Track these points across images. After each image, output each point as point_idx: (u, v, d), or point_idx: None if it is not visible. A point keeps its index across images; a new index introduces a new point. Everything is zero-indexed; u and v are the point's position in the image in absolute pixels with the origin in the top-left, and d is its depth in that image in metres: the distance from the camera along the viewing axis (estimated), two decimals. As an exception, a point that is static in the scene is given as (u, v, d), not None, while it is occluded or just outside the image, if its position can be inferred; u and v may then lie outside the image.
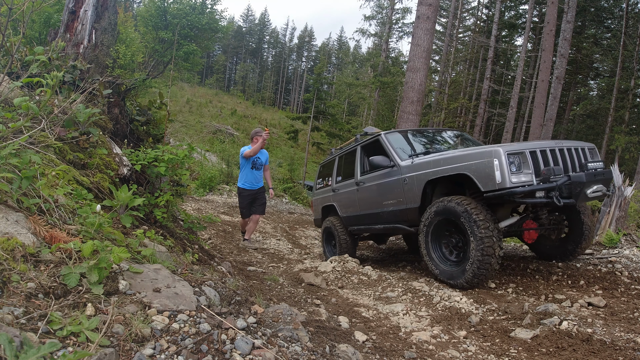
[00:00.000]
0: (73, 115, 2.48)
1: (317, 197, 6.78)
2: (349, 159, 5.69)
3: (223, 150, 20.76)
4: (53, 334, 1.11)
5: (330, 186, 6.16)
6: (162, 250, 2.26)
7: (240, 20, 75.69)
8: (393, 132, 5.03)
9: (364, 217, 5.12)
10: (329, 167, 6.46)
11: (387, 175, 4.58)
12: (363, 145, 5.36)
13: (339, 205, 5.75)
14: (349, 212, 5.48)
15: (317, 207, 6.72)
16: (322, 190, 6.60)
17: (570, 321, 2.54)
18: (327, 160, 6.74)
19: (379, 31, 28.57)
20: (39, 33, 4.25)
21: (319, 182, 6.86)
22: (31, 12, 2.31)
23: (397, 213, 4.46)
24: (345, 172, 5.78)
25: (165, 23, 5.61)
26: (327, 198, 6.24)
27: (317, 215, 6.76)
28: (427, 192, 4.08)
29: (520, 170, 3.36)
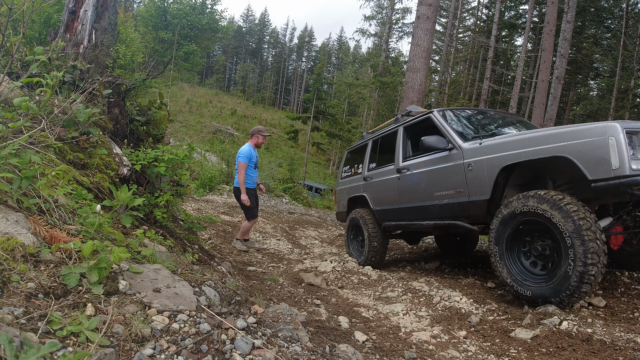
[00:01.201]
0: (73, 115, 2.48)
1: (342, 187, 6.05)
2: (387, 143, 4.95)
3: (223, 150, 20.77)
4: (53, 334, 1.11)
5: (360, 174, 5.44)
6: (162, 250, 2.26)
7: (240, 20, 75.76)
8: (447, 110, 4.32)
9: (407, 211, 4.38)
10: (359, 153, 5.70)
11: (442, 160, 3.80)
12: (407, 125, 4.61)
13: (372, 197, 5.03)
14: (385, 204, 4.78)
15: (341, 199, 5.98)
16: (349, 179, 5.85)
17: (570, 321, 2.54)
18: (356, 145, 5.98)
19: (379, 31, 28.58)
20: (39, 33, 4.25)
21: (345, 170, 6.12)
22: (31, 12, 2.31)
23: (454, 207, 3.68)
24: (381, 158, 5.05)
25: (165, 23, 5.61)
26: (355, 188, 5.51)
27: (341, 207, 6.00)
28: (499, 182, 3.28)
29: (636, 155, 2.58)
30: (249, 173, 5.48)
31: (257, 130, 5.69)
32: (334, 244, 7.44)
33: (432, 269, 4.72)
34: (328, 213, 14.58)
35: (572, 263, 2.64)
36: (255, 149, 5.64)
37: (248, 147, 5.50)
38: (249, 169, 5.48)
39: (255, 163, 5.61)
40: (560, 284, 2.71)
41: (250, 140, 5.63)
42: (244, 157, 5.38)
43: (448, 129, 3.89)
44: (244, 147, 5.53)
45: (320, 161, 41.45)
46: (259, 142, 5.63)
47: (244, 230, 5.62)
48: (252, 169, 5.53)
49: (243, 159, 5.37)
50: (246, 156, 5.39)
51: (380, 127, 5.73)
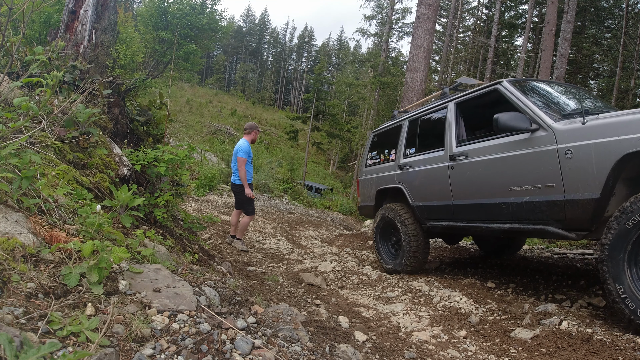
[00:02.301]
0: (73, 115, 2.48)
1: (368, 177, 5.27)
2: (432, 123, 4.16)
3: (223, 150, 20.76)
4: (53, 334, 1.11)
5: (392, 162, 4.69)
6: (162, 250, 2.26)
7: (240, 20, 75.77)
8: (521, 80, 3.46)
9: (464, 210, 3.57)
10: (392, 136, 4.88)
11: (521, 145, 2.98)
12: (461, 101, 3.79)
13: (412, 189, 4.25)
14: (430, 199, 4.00)
15: (367, 190, 5.23)
16: (377, 168, 5.07)
17: (570, 321, 2.54)
18: (387, 126, 5.13)
19: (379, 31, 28.57)
20: (39, 33, 4.25)
21: (371, 157, 5.32)
22: (31, 12, 2.31)
23: (541, 207, 2.85)
24: (423, 142, 4.25)
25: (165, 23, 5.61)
26: (387, 178, 4.73)
27: (367, 200, 5.23)
28: (611, 176, 2.48)
29: None
30: (247, 169, 5.47)
31: (255, 126, 5.69)
32: (334, 244, 7.44)
33: (432, 269, 4.72)
34: (328, 213, 14.59)
35: None
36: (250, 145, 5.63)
37: (246, 143, 5.48)
38: (247, 164, 5.47)
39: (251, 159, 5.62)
40: None
41: (248, 136, 5.60)
42: (244, 152, 5.36)
43: (528, 104, 3.02)
44: (242, 142, 5.48)
45: (320, 161, 41.46)
46: (255, 137, 5.64)
47: (243, 227, 5.61)
48: (249, 164, 5.52)
49: (243, 154, 5.35)
50: (246, 151, 5.38)
51: (418, 103, 4.98)
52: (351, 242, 7.51)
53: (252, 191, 5.48)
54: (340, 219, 13.40)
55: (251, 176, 5.60)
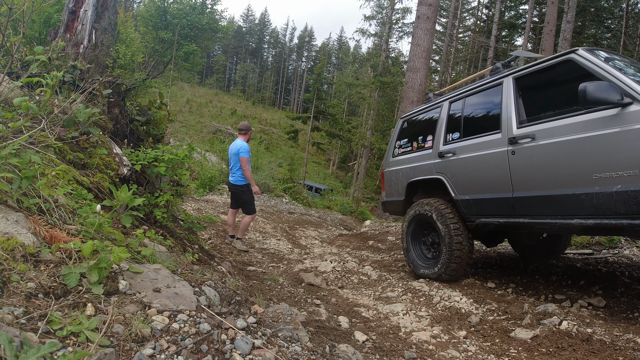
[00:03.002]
0: (73, 115, 2.48)
1: (396, 168, 4.71)
2: (484, 103, 3.66)
3: (223, 150, 20.76)
4: (53, 334, 1.11)
5: (429, 149, 4.16)
6: (162, 250, 2.26)
7: (240, 20, 75.78)
8: (595, 49, 2.93)
9: (530, 203, 3.02)
10: (427, 121, 4.38)
11: (611, 122, 2.50)
12: (520, 75, 3.29)
13: (456, 180, 3.72)
14: (481, 191, 3.46)
15: (394, 183, 4.72)
16: (408, 157, 4.52)
17: (570, 321, 2.54)
18: (420, 110, 4.60)
19: (379, 31, 28.58)
20: (39, 33, 4.25)
21: (400, 145, 4.77)
22: (31, 12, 2.31)
23: (637, 198, 2.36)
24: (471, 124, 3.74)
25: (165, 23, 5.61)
26: (422, 168, 4.19)
27: (395, 195, 4.69)
28: None
29: None
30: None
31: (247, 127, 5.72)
32: (334, 244, 7.44)
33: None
34: (328, 213, 14.59)
35: None
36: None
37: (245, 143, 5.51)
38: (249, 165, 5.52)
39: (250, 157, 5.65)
40: None
41: (244, 136, 5.62)
42: (246, 151, 5.42)
43: (617, 74, 2.56)
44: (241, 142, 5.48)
45: (320, 161, 41.47)
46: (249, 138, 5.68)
47: (244, 227, 5.61)
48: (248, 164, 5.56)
49: (246, 154, 5.41)
50: (247, 150, 5.44)
51: (459, 83, 4.50)
52: (351, 242, 7.51)
53: (250, 190, 5.51)
54: (340, 219, 13.40)
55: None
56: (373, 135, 25.93)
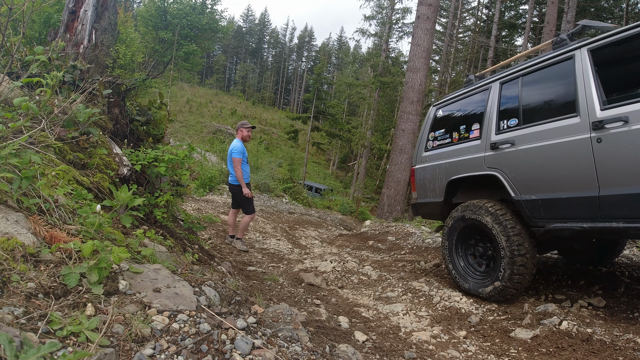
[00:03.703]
0: (73, 115, 2.48)
1: (430, 164, 4.13)
2: (550, 80, 3.10)
3: (223, 150, 20.77)
4: (53, 334, 1.11)
5: (475, 140, 3.57)
6: (162, 250, 2.26)
7: (240, 20, 75.79)
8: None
9: (626, 202, 2.47)
10: (470, 107, 3.83)
11: None
12: (598, 47, 2.77)
13: (517, 176, 3.13)
14: (554, 189, 2.86)
15: (429, 181, 4.12)
16: (446, 151, 3.94)
17: (570, 321, 2.54)
18: (459, 95, 4.01)
19: (379, 31, 28.59)
20: (39, 33, 4.25)
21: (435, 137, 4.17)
22: (31, 12, 2.31)
23: None
24: (533, 108, 3.16)
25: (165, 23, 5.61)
26: (468, 163, 3.60)
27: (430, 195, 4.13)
28: None
29: None
30: (242, 168, 5.45)
31: (241, 124, 5.65)
32: (334, 244, 7.44)
33: (432, 269, 4.72)
34: (328, 213, 14.59)
35: None
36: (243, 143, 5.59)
37: (239, 142, 5.46)
38: (242, 163, 5.45)
39: (246, 157, 5.59)
40: None
41: (237, 135, 5.61)
42: (238, 152, 5.35)
43: None
44: (235, 142, 5.47)
45: (320, 161, 41.47)
46: (244, 135, 5.58)
47: (243, 227, 5.60)
48: (245, 164, 5.50)
49: (237, 154, 5.34)
50: (239, 151, 5.36)
51: (507, 61, 3.97)
52: (351, 242, 7.51)
53: (250, 190, 5.47)
54: (340, 219, 13.41)
55: (248, 175, 5.57)
56: (373, 135, 25.93)
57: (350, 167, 37.20)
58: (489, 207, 3.30)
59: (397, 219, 11.04)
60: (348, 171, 38.28)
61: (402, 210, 11.81)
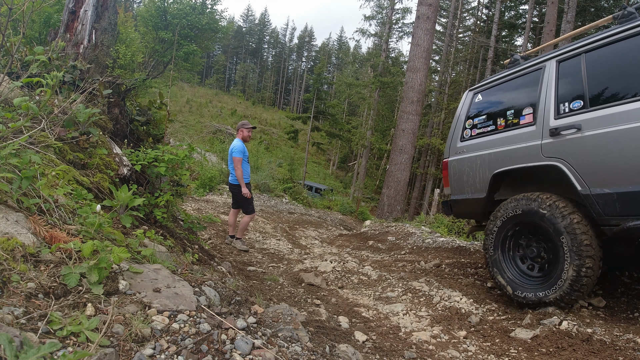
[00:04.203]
0: (73, 115, 2.48)
1: (468, 155, 3.71)
2: (623, 57, 2.70)
3: (223, 150, 20.77)
4: (53, 334, 1.11)
5: (531, 126, 3.14)
6: (162, 250, 2.26)
7: (240, 20, 75.79)
8: None
9: None
10: (519, 89, 3.41)
11: None
12: None
13: (587, 166, 2.73)
14: (635, 180, 2.46)
15: (468, 175, 3.69)
16: (490, 140, 3.51)
17: (570, 321, 2.54)
18: (504, 76, 3.60)
19: (379, 31, 28.60)
20: (39, 33, 4.25)
21: (474, 124, 3.74)
22: (31, 12, 2.31)
23: None
24: (603, 88, 2.77)
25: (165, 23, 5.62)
26: (520, 152, 3.18)
27: (469, 190, 3.70)
28: None
29: None
30: (243, 167, 5.45)
31: (241, 124, 5.65)
32: (334, 244, 7.44)
33: (432, 269, 4.72)
34: (328, 213, 14.59)
35: None
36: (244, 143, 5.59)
37: (239, 142, 5.47)
38: (243, 162, 5.45)
39: (247, 157, 5.60)
40: None
41: (238, 135, 5.61)
42: (238, 151, 5.37)
43: None
44: (235, 142, 5.49)
45: (320, 161, 41.47)
46: (244, 135, 5.59)
47: (243, 226, 5.60)
48: (245, 163, 5.51)
49: (237, 154, 5.35)
50: (240, 150, 5.37)
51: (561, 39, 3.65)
52: (351, 242, 7.51)
53: (249, 190, 5.47)
54: (340, 219, 13.41)
55: (248, 175, 5.58)
56: (373, 135, 25.93)
57: (350, 167, 37.21)
58: (550, 201, 2.86)
59: (397, 219, 11.04)
60: (348, 171, 38.29)
61: (402, 210, 11.82)
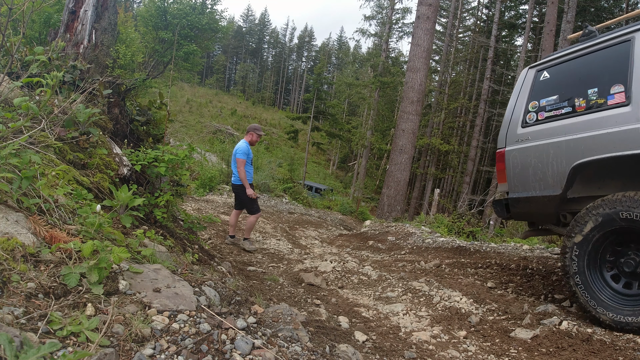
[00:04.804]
0: (73, 115, 2.48)
1: (534, 144, 3.16)
2: None
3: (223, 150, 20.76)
4: (53, 334, 1.11)
5: (623, 106, 2.62)
6: (162, 250, 2.26)
7: (240, 20, 75.78)
8: None
9: None
10: (600, 64, 2.92)
11: None
12: None
13: None
14: None
15: (536, 167, 3.12)
16: (564, 125, 2.97)
17: (570, 321, 2.54)
18: (578, 49, 3.07)
19: (379, 31, 28.60)
20: (39, 33, 4.25)
21: (541, 107, 3.20)
22: (31, 12, 2.31)
23: None
24: None
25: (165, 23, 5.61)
26: (610, 139, 2.65)
27: (536, 187, 3.13)
28: None
29: None
30: (247, 169, 5.47)
31: (254, 127, 5.66)
32: (334, 244, 7.44)
33: (432, 269, 4.72)
34: (328, 213, 14.59)
35: None
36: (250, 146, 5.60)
37: (245, 144, 5.49)
38: (247, 164, 5.47)
39: (251, 159, 5.61)
40: None
41: (246, 137, 5.62)
42: (242, 153, 5.38)
43: None
44: (241, 143, 5.51)
45: (320, 161, 41.47)
46: (253, 139, 5.60)
47: (250, 227, 5.61)
48: (249, 165, 5.53)
49: (241, 155, 5.36)
50: (244, 152, 5.38)
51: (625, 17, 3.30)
52: (351, 242, 7.51)
53: (253, 191, 5.48)
54: (340, 219, 13.41)
55: (251, 176, 5.60)
56: (373, 135, 25.93)
57: (350, 167, 37.20)
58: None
59: (397, 219, 11.04)
60: (348, 171, 38.28)
61: (402, 210, 11.82)
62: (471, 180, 24.91)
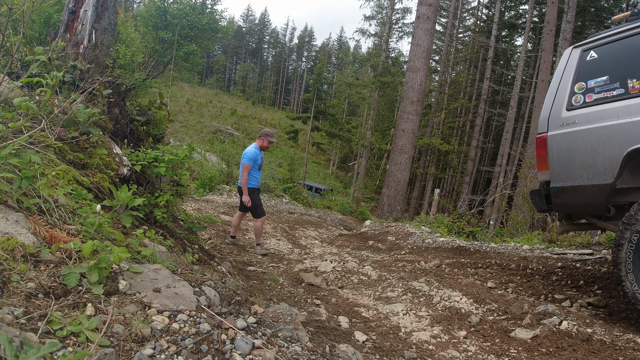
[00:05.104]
0: (73, 115, 2.48)
1: (580, 128, 2.91)
2: None
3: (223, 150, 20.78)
4: (53, 334, 1.11)
5: None
6: (162, 250, 2.26)
7: (240, 20, 75.79)
8: None
9: None
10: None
11: None
12: None
13: None
14: None
15: (583, 154, 2.87)
16: (619, 107, 2.73)
17: (570, 321, 2.54)
18: (630, 28, 2.84)
19: (379, 31, 28.60)
20: (39, 33, 4.25)
21: (589, 88, 2.97)
22: (31, 12, 2.31)
23: None
24: None
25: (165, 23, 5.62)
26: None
27: (581, 175, 2.87)
28: None
29: None
30: (253, 174, 5.44)
31: (265, 133, 5.62)
32: (334, 244, 7.44)
33: (432, 269, 4.72)
34: (328, 213, 14.59)
35: None
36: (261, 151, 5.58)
37: (254, 149, 5.45)
38: (254, 169, 5.44)
39: (260, 165, 5.57)
40: None
41: (257, 141, 5.60)
42: (248, 159, 5.34)
43: None
44: (249, 148, 5.47)
45: (320, 161, 41.47)
46: (264, 145, 5.57)
47: (258, 232, 5.56)
48: (256, 170, 5.49)
49: (247, 161, 5.33)
50: (250, 158, 5.34)
51: None
52: (351, 242, 7.51)
53: (257, 196, 5.44)
54: (340, 219, 13.41)
55: (258, 182, 5.54)
56: (373, 135, 25.93)
57: (350, 167, 37.20)
58: None
59: (397, 219, 11.05)
60: (348, 171, 38.29)
61: (402, 210, 11.82)
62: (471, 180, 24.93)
